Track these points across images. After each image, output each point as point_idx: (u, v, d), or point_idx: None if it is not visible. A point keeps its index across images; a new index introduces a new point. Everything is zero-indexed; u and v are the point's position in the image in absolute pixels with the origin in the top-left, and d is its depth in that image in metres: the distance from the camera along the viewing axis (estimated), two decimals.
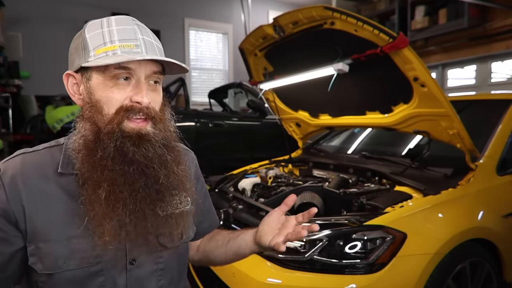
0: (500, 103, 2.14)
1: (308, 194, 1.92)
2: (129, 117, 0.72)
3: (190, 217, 0.89)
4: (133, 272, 0.76)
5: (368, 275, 1.36)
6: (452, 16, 5.13)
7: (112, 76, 0.72)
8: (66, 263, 0.71)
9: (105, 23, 0.74)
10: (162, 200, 0.74)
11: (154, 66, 0.75)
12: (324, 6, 1.68)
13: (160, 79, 0.78)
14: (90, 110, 0.73)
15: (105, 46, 0.71)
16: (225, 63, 6.81)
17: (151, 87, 0.76)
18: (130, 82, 0.73)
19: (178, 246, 0.85)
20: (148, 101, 0.72)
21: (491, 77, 5.13)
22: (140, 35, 0.74)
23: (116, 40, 0.72)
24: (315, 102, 2.46)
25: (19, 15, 4.91)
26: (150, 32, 0.78)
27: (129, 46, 0.72)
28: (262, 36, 2.10)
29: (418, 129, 1.92)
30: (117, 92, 0.72)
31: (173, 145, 0.79)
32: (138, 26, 0.75)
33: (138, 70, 0.72)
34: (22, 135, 4.41)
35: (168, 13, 6.08)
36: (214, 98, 4.88)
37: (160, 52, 0.77)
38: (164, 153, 0.75)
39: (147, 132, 0.73)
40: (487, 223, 1.65)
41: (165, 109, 0.81)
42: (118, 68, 0.71)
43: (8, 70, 4.39)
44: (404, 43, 1.56)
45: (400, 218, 1.47)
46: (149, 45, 0.75)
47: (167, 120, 0.80)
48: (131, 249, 0.76)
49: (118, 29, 0.73)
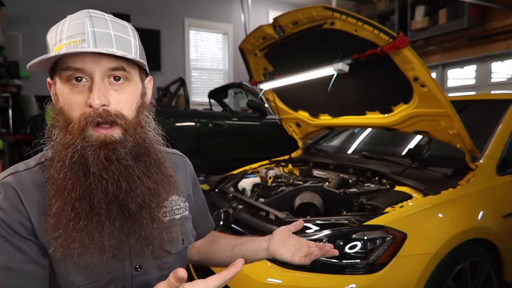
0: (500, 103, 2.14)
1: (308, 194, 1.92)
2: (90, 124, 0.64)
3: (189, 222, 0.89)
4: (139, 278, 0.76)
5: (368, 275, 1.36)
6: (452, 16, 5.13)
7: (66, 80, 0.66)
8: (78, 279, 0.69)
9: (62, 21, 0.68)
10: (136, 214, 0.69)
11: (110, 62, 0.65)
12: (324, 6, 1.68)
13: (126, 75, 0.68)
14: (57, 118, 0.68)
15: (55, 47, 0.65)
16: (225, 63, 6.81)
17: (114, 85, 0.67)
18: (87, 84, 0.65)
19: (180, 251, 0.84)
20: (99, 103, 0.63)
21: (491, 77, 5.13)
22: (90, 27, 0.65)
23: (64, 38, 0.65)
24: (315, 102, 2.46)
25: (19, 15, 4.91)
26: (112, 22, 0.68)
27: (74, 42, 0.64)
28: (262, 36, 2.10)
29: (418, 129, 1.92)
30: (74, 96, 0.65)
31: (150, 152, 0.72)
32: (91, 17, 0.66)
33: (88, 68, 0.64)
34: (22, 135, 4.42)
35: (168, 13, 6.08)
36: (214, 98, 4.88)
37: (122, 43, 0.67)
38: (131, 164, 0.67)
39: (114, 139, 0.65)
40: (487, 223, 1.65)
41: (141, 110, 0.72)
42: (66, 69, 0.65)
43: (8, 70, 4.39)
44: (404, 43, 1.56)
45: (400, 218, 1.47)
46: (101, 36, 0.65)
47: (142, 123, 0.71)
48: (135, 257, 0.75)
49: (68, 26, 0.66)
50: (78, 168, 0.64)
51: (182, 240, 0.85)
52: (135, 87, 0.71)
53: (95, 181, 0.64)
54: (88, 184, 0.64)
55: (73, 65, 0.64)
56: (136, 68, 0.72)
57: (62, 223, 0.64)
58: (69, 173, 0.64)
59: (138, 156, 0.69)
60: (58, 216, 0.65)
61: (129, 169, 0.67)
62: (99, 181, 0.64)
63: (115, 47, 0.66)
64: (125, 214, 0.69)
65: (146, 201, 0.69)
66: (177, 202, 0.85)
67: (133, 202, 0.68)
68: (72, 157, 0.64)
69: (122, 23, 0.71)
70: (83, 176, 0.64)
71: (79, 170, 0.64)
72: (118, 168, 0.65)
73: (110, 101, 0.66)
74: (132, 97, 0.70)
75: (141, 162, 0.69)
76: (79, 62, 0.64)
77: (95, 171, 0.64)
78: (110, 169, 0.65)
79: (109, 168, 0.65)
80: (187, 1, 6.28)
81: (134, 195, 0.67)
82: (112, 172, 0.65)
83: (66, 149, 0.65)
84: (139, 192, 0.68)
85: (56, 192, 0.65)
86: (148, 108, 0.75)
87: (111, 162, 0.65)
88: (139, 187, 0.68)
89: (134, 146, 0.68)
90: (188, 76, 6.35)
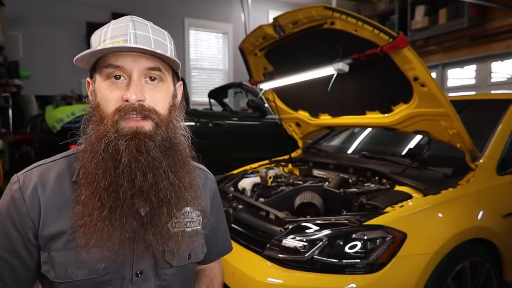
0: (500, 103, 2.14)
1: (308, 194, 1.92)
2: (124, 116, 0.69)
3: (200, 238, 0.87)
4: (138, 284, 0.75)
5: (368, 275, 1.36)
6: (452, 16, 5.13)
7: (106, 77, 0.71)
8: (75, 273, 0.71)
9: (106, 24, 0.75)
10: (159, 208, 0.71)
11: (148, 62, 0.72)
12: (324, 6, 1.68)
13: (161, 76, 0.74)
14: (93, 112, 0.73)
15: (99, 46, 0.71)
16: (225, 63, 6.81)
17: (149, 85, 0.73)
18: (125, 81, 0.71)
19: (184, 266, 0.82)
20: (135, 98, 0.69)
21: (491, 77, 5.13)
22: (132, 30, 0.71)
23: (108, 38, 0.71)
24: (315, 102, 2.46)
25: (19, 15, 4.91)
26: (152, 28, 0.75)
27: (117, 41, 0.70)
28: (262, 36, 2.10)
29: (418, 129, 1.92)
30: (111, 92, 0.71)
31: (178, 148, 0.76)
32: (134, 22, 0.73)
33: (128, 67, 0.70)
34: (22, 135, 4.42)
35: (168, 13, 6.08)
36: (214, 98, 4.88)
37: (159, 46, 0.74)
38: (159, 157, 0.70)
39: (145, 131, 0.70)
40: (487, 223, 1.65)
41: (173, 109, 0.77)
42: (107, 66, 0.71)
43: (8, 70, 4.39)
44: (404, 43, 1.56)
45: (400, 218, 1.47)
46: (142, 38, 0.71)
47: (173, 121, 0.77)
48: (138, 262, 0.75)
49: (112, 28, 0.73)
50: (109, 158, 0.68)
51: (189, 255, 0.83)
52: (168, 88, 0.77)
53: (124, 172, 0.68)
54: (116, 175, 0.68)
55: (114, 63, 0.70)
56: (170, 71, 0.78)
57: (88, 211, 0.68)
58: (101, 163, 0.68)
59: (167, 150, 0.73)
60: (86, 204, 0.68)
61: (157, 161, 0.70)
62: (127, 172, 0.68)
63: (154, 48, 0.71)
64: (146, 208, 0.72)
65: (167, 196, 0.72)
66: (191, 214, 0.83)
67: (155, 196, 0.70)
68: (106, 148, 0.68)
69: (160, 29, 0.77)
70: (112, 167, 0.68)
71: (110, 161, 0.68)
72: (147, 160, 0.69)
73: (145, 97, 0.71)
74: (166, 96, 0.75)
75: (168, 157, 0.73)
76: (120, 60, 0.70)
77: (125, 161, 0.67)
78: (140, 159, 0.68)
79: (138, 159, 0.68)
80: (187, 1, 6.28)
81: (157, 189, 0.70)
82: (141, 163, 0.68)
83: (100, 140, 0.69)
84: (162, 186, 0.71)
85: (87, 181, 0.69)
86: (179, 109, 0.81)
87: (141, 152, 0.68)
88: (164, 180, 0.71)
89: (164, 140, 0.72)
90: (188, 76, 6.35)
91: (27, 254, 0.73)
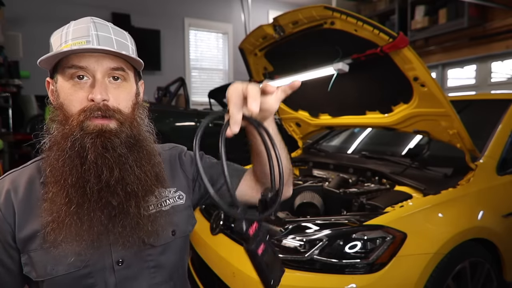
0: (500, 103, 2.14)
1: (308, 194, 1.92)
2: (89, 116, 0.70)
3: (184, 212, 0.88)
4: (121, 272, 0.77)
5: (368, 275, 1.36)
6: (452, 16, 5.13)
7: (69, 77, 0.72)
8: (55, 270, 0.72)
9: (66, 25, 0.75)
10: (127, 201, 0.72)
11: (111, 62, 0.73)
12: (324, 6, 1.68)
13: (124, 76, 0.76)
14: (57, 113, 0.74)
15: (60, 47, 0.72)
16: (225, 63, 6.81)
17: (112, 84, 0.74)
18: (88, 81, 0.72)
19: (171, 243, 0.84)
20: (101, 98, 0.70)
21: (491, 77, 5.13)
22: (94, 31, 0.72)
23: (69, 40, 0.72)
24: (315, 102, 2.46)
25: (19, 15, 4.92)
26: (113, 29, 0.76)
27: (80, 42, 0.71)
28: (262, 36, 2.10)
29: (418, 129, 1.92)
30: (75, 92, 0.71)
31: (143, 144, 0.77)
32: (95, 23, 0.74)
33: (92, 67, 0.71)
34: (22, 135, 4.42)
35: (168, 13, 6.08)
36: (214, 98, 4.88)
37: (121, 47, 0.75)
38: (125, 153, 0.72)
39: (110, 129, 0.71)
40: (487, 223, 1.65)
41: (136, 107, 0.79)
42: (70, 67, 0.71)
43: (8, 70, 4.40)
44: (404, 42, 1.56)
45: (400, 218, 1.47)
46: (104, 39, 0.73)
47: (137, 119, 0.78)
48: (116, 251, 0.76)
49: (73, 29, 0.73)
50: (76, 155, 0.70)
51: (173, 231, 0.84)
52: (131, 87, 0.78)
53: (90, 168, 0.69)
54: (83, 171, 0.69)
55: (78, 64, 0.71)
56: (132, 71, 0.79)
57: (55, 208, 0.70)
58: (67, 161, 0.70)
59: (132, 146, 0.75)
60: (54, 201, 0.70)
61: (123, 157, 0.72)
62: (93, 168, 0.69)
63: (116, 49, 0.73)
64: (112, 202, 0.73)
65: (134, 189, 0.73)
66: (164, 193, 0.85)
67: (122, 190, 0.72)
68: (72, 145, 0.69)
69: (120, 30, 0.79)
70: (79, 164, 0.70)
71: (77, 158, 0.70)
72: (113, 156, 0.71)
73: (109, 97, 0.72)
74: (129, 95, 0.77)
75: (134, 152, 0.75)
76: (84, 61, 0.71)
77: (91, 157, 0.69)
78: (106, 156, 0.70)
79: (104, 155, 0.70)
80: (187, 1, 6.28)
81: (124, 183, 0.72)
82: (107, 160, 0.70)
83: (66, 138, 0.70)
84: (129, 180, 0.73)
85: (54, 179, 0.71)
86: (142, 107, 0.82)
87: (106, 149, 0.70)
88: (130, 175, 0.73)
89: (129, 137, 0.74)
90: (188, 76, 6.35)
91: (9, 258, 0.75)
